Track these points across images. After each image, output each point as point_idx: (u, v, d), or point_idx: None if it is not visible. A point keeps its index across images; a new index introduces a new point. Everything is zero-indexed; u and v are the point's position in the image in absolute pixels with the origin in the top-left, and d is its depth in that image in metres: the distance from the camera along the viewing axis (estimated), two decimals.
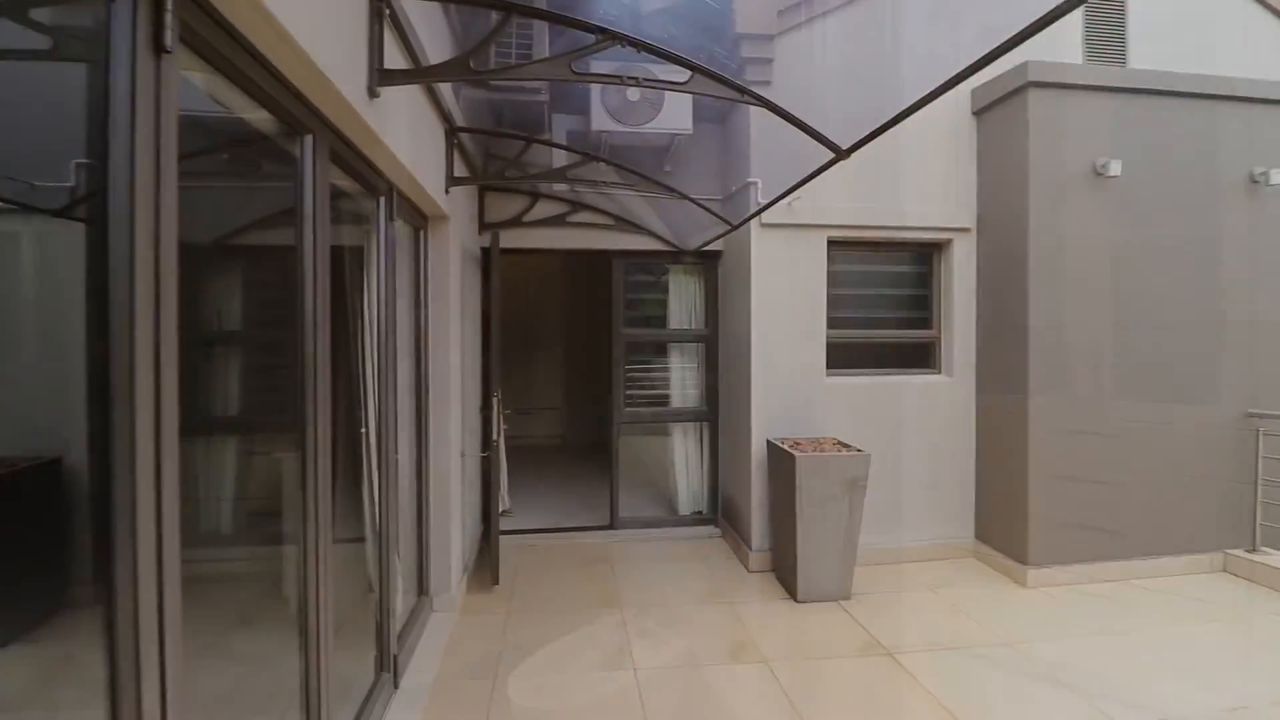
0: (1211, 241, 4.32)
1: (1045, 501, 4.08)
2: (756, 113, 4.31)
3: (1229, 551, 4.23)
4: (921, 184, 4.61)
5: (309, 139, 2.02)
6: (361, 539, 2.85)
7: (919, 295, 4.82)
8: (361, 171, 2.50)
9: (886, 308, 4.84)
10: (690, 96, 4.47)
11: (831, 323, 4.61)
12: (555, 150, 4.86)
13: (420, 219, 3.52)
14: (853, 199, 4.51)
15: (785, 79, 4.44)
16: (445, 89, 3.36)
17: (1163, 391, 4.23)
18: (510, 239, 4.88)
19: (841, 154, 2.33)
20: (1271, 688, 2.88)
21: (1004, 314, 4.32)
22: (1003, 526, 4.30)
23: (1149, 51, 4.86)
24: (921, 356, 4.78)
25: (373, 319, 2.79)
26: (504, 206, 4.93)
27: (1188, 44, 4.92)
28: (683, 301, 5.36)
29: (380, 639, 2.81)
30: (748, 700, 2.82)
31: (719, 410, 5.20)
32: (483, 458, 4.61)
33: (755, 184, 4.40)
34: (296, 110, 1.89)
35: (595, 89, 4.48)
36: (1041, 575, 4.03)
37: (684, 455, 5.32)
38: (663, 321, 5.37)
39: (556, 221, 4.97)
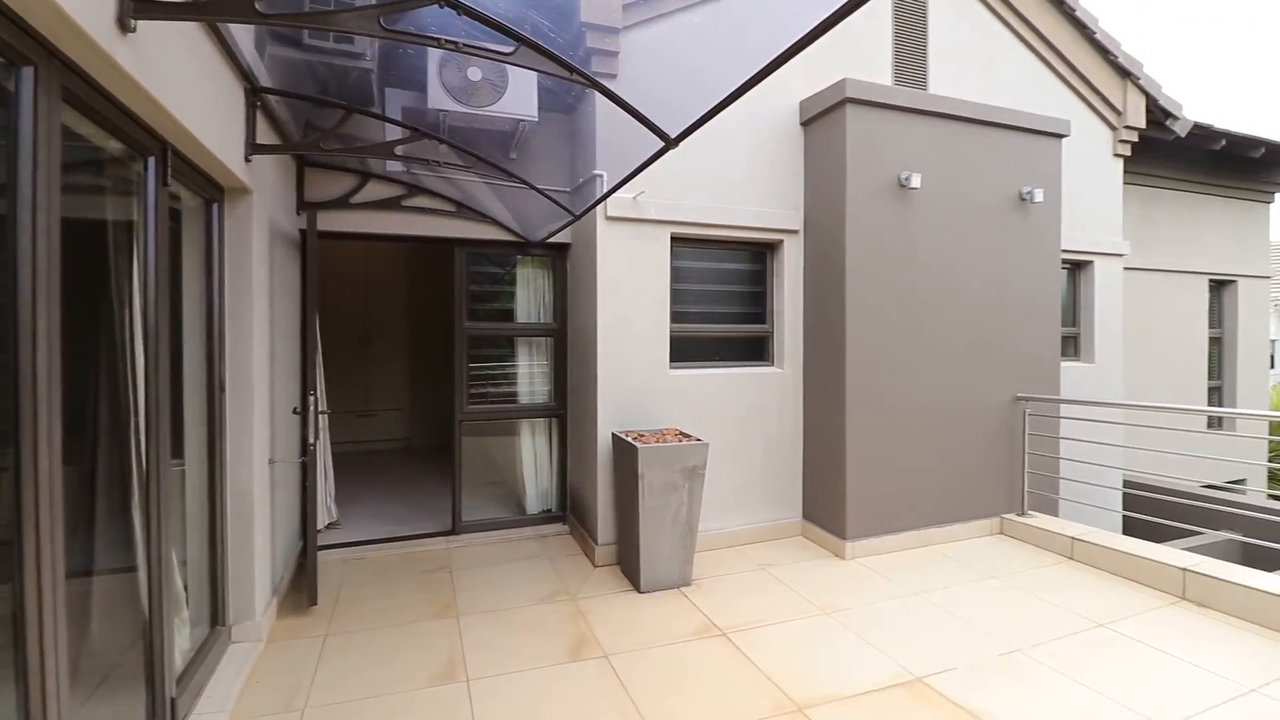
0: (993, 248, 5.01)
1: (860, 480, 4.48)
2: (603, 104, 4.27)
3: (1005, 516, 4.94)
4: (757, 188, 4.87)
5: (28, 73, 1.62)
6: (133, 567, 2.38)
7: (755, 292, 5.09)
8: (116, 122, 2.07)
9: (726, 303, 5.05)
10: (535, 82, 4.36)
11: (675, 317, 4.71)
12: (389, 128, 4.48)
13: (213, 190, 3.04)
14: (696, 198, 4.64)
15: (630, 73, 4.46)
16: (245, 44, 2.93)
17: (954, 378, 4.83)
18: (335, 221, 4.43)
19: (670, 142, 2.34)
20: (1033, 632, 3.37)
21: (825, 310, 4.69)
22: (825, 505, 4.67)
23: (946, 80, 5.54)
24: (757, 350, 5.05)
25: (141, 305, 2.34)
26: (328, 185, 4.45)
27: (975, 77, 5.68)
28: (531, 295, 5.21)
29: (151, 684, 2.37)
30: (584, 696, 2.76)
31: (568, 405, 5.12)
32: (300, 464, 4.12)
33: (601, 176, 4.36)
34: (11, 35, 1.51)
35: (433, 65, 4.18)
36: (858, 547, 4.43)
37: (532, 453, 5.17)
38: (510, 315, 5.18)
39: (390, 205, 4.59)
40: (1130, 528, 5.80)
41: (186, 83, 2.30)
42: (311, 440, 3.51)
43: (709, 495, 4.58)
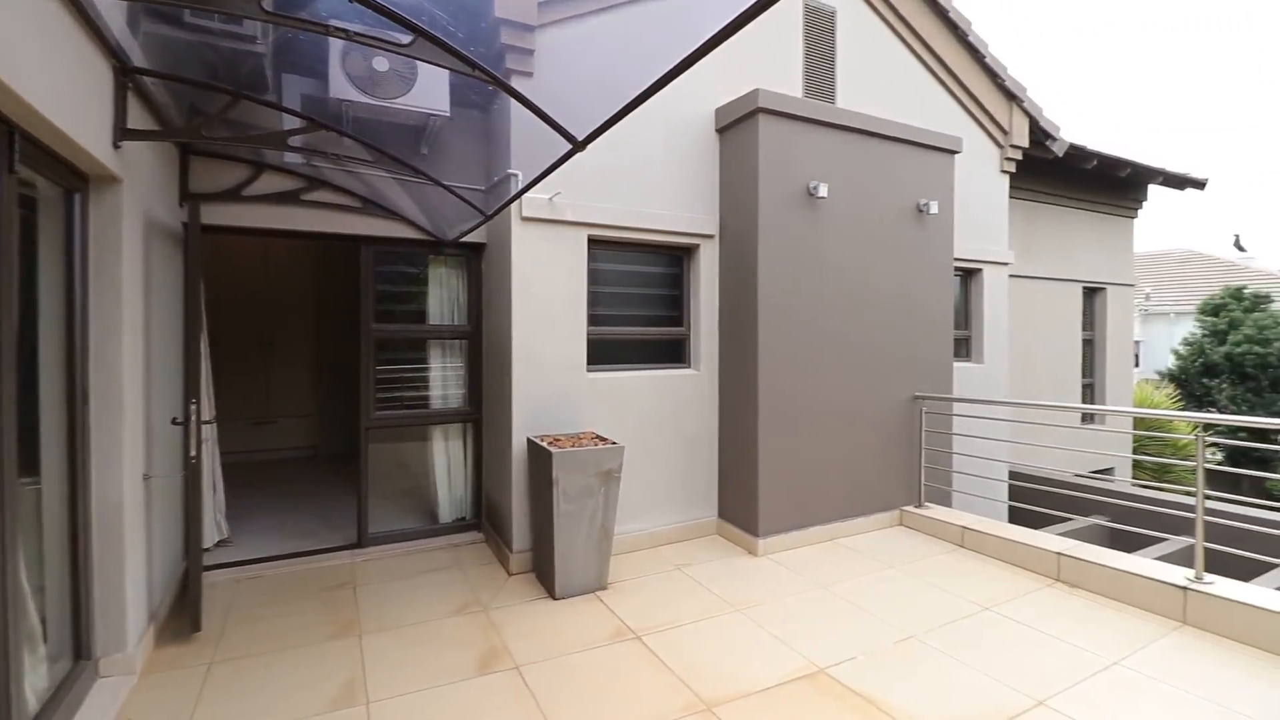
0: (893, 256, 5.29)
1: (771, 479, 4.63)
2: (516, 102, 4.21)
3: (904, 509, 5.24)
4: (675, 192, 4.93)
5: None
6: None
7: (673, 295, 5.15)
8: None
9: (645, 306, 5.08)
10: (446, 76, 4.22)
11: (593, 319, 4.70)
12: (286, 117, 4.21)
13: (74, 178, 2.75)
14: (614, 201, 4.64)
15: (547, 73, 4.40)
16: (114, 20, 2.67)
17: (859, 378, 5.07)
18: (226, 215, 4.12)
19: (577, 145, 2.32)
20: (927, 618, 3.58)
21: (739, 313, 4.81)
22: (739, 504, 4.79)
23: (853, 94, 5.81)
24: (675, 352, 5.12)
25: None
26: (217, 175, 4.14)
27: (879, 93, 5.99)
28: (444, 296, 5.04)
29: None
30: (493, 711, 2.69)
31: (483, 410, 4.99)
32: (181, 478, 3.80)
33: (515, 175, 4.28)
34: None
35: (334, 52, 3.96)
36: (769, 544, 4.57)
37: (446, 459, 5.01)
38: (422, 317, 4.99)
39: (288, 199, 4.32)
40: (1015, 515, 6.31)
41: (36, 59, 2.06)
42: (193, 453, 3.24)
43: (627, 497, 4.60)
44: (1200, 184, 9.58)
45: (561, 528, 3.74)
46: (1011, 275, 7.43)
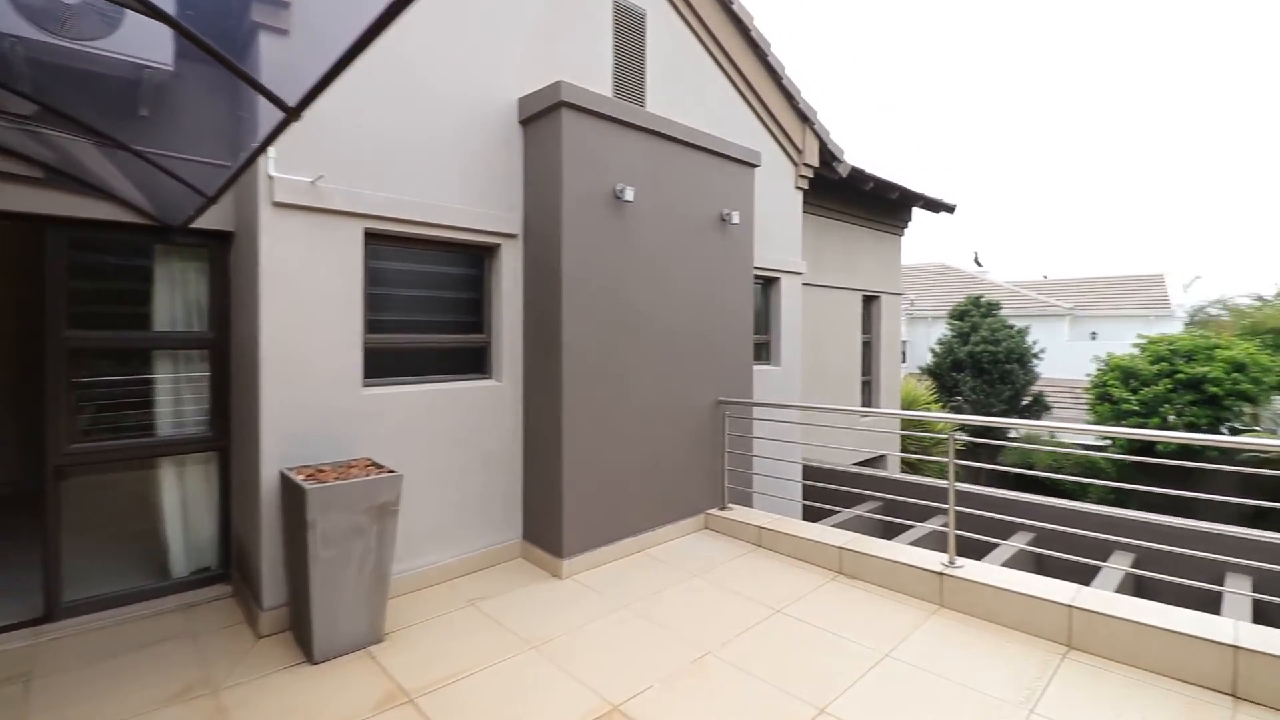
0: (698, 263, 5.34)
1: (577, 494, 4.39)
2: (269, 56, 3.47)
3: (709, 512, 5.33)
4: (474, 187, 4.47)
5: None
6: None
7: (473, 299, 4.69)
8: None
9: (440, 311, 4.56)
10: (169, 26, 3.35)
11: (373, 326, 4.09)
12: None
13: None
14: (400, 191, 4.07)
15: (307, 32, 3.70)
16: None
17: (666, 385, 5.04)
18: None
19: (289, 111, 1.82)
20: (723, 630, 3.57)
21: (543, 319, 4.50)
22: (544, 523, 4.50)
23: (664, 101, 5.79)
24: (476, 361, 4.67)
25: None
26: None
27: (687, 102, 6.04)
28: (178, 295, 4.07)
29: None
30: None
31: (232, 436, 4.12)
32: None
33: (266, 152, 3.54)
34: None
35: None
36: (575, 564, 4.33)
37: (180, 497, 4.06)
38: (145, 320, 3.98)
39: None
40: (810, 504, 6.81)
41: None
42: None
43: (415, 528, 4.07)
44: (951, 208, 11.26)
45: (320, 577, 3.13)
46: (805, 284, 8.04)
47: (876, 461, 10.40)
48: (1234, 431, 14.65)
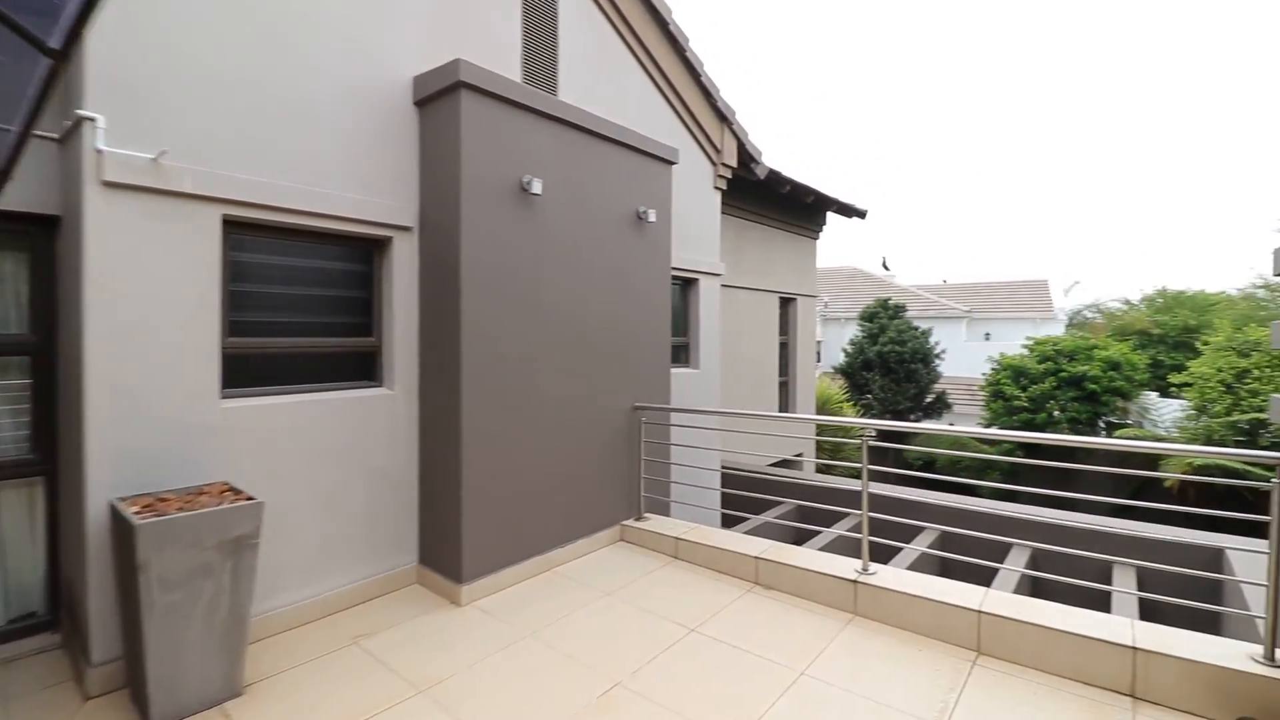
0: (613, 262, 5.09)
1: (478, 511, 4.04)
2: (116, 16, 2.91)
3: (624, 523, 5.10)
4: (361, 172, 4.01)
5: None
6: None
7: (361, 298, 4.22)
8: None
9: (320, 311, 4.06)
10: None
11: (235, 329, 3.57)
12: None
13: None
14: (268, 174, 3.56)
15: None
16: None
17: (578, 390, 4.76)
18: None
19: (55, 55, 1.41)
20: (635, 655, 3.34)
21: (441, 321, 4.11)
22: (441, 545, 4.11)
23: (579, 92, 5.49)
24: (363, 367, 4.20)
25: None
26: None
27: (603, 95, 5.77)
28: None
29: None
30: None
31: (59, 459, 3.47)
32: None
33: (93, 121, 2.97)
34: None
35: None
36: (476, 588, 3.97)
37: None
38: None
39: None
40: (728, 506, 6.74)
41: None
42: None
43: (290, 558, 3.60)
44: (862, 213, 11.60)
45: (158, 627, 2.64)
46: (724, 285, 7.98)
47: (794, 461, 10.56)
48: (1110, 425, 16.05)
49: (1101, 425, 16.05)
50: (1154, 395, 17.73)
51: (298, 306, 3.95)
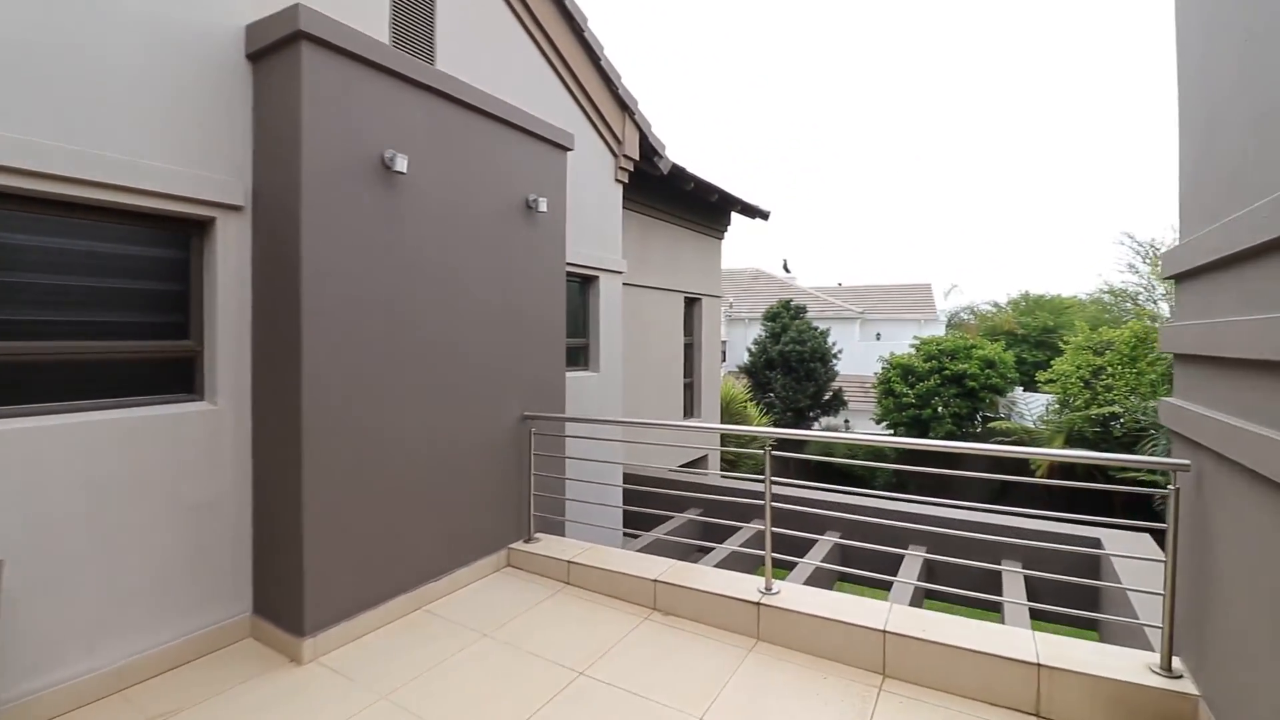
0: (498, 256, 4.55)
1: (325, 548, 3.38)
2: None
3: (512, 547, 4.57)
4: (173, 137, 3.24)
5: None
6: None
7: (174, 291, 3.43)
8: None
9: (119, 307, 3.24)
10: None
11: None
12: None
13: None
14: (39, 130, 2.75)
15: None
16: None
17: (456, 400, 4.18)
18: None
19: None
20: (514, 710, 2.85)
21: (279, 319, 3.41)
22: (280, 591, 3.42)
23: (461, 62, 4.89)
24: (179, 377, 3.42)
25: None
26: None
27: (488, 69, 5.20)
28: None
29: None
30: None
31: None
32: None
33: None
34: None
35: None
36: (322, 642, 3.31)
37: None
38: None
39: None
40: (630, 519, 6.37)
41: None
42: None
43: (69, 622, 2.83)
44: (765, 214, 11.65)
45: None
46: (626, 284, 7.61)
47: (700, 462, 10.40)
48: (985, 419, 17.27)
49: (978, 421, 17.26)
50: (1021, 390, 19.35)
51: (86, 301, 3.12)
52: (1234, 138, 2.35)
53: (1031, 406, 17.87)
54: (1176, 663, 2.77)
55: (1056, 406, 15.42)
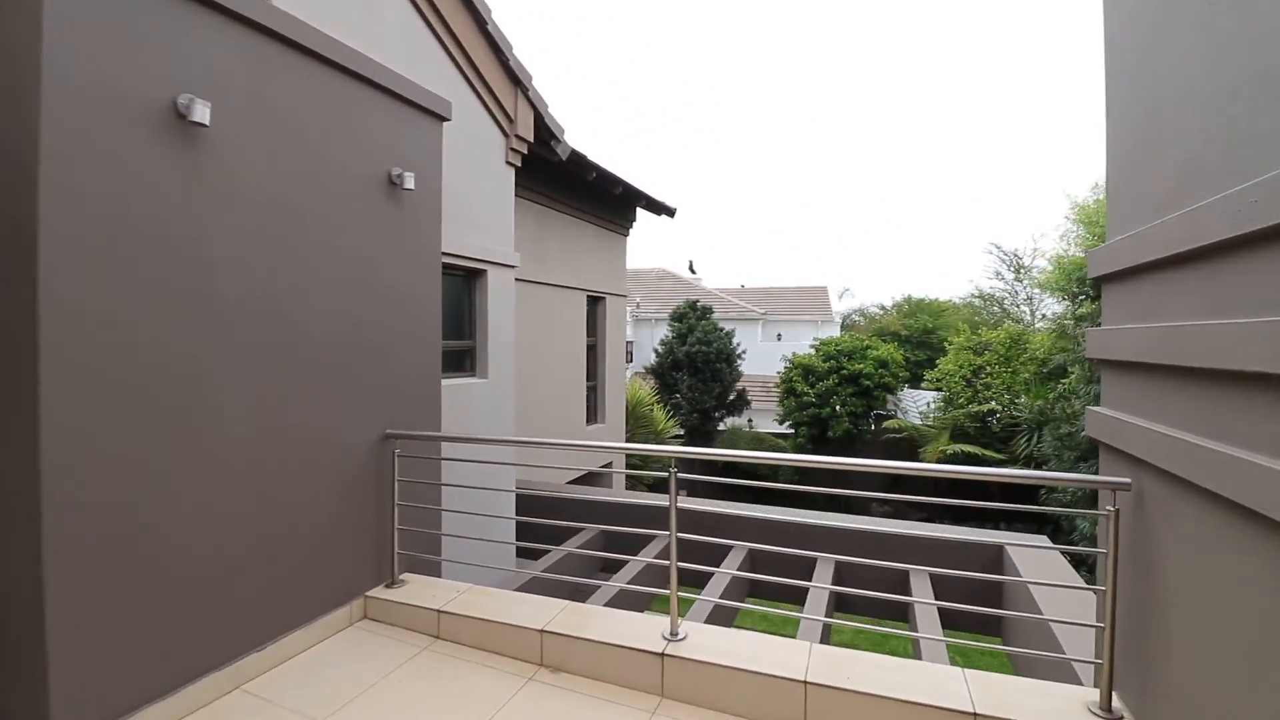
0: (352, 240, 3.73)
1: (85, 621, 2.47)
2: None
3: (370, 594, 3.77)
4: None
5: None
6: None
7: None
8: None
9: None
10: None
11: None
12: None
13: None
14: None
15: None
16: None
17: (290, 417, 3.33)
18: None
19: None
20: None
21: (5, 310, 2.46)
22: (12, 687, 2.47)
23: (312, 6, 3.99)
24: None
25: None
26: None
27: (352, 19, 4.35)
28: None
29: None
30: None
31: None
32: None
33: None
34: None
35: None
36: None
37: None
38: None
39: None
40: (523, 534, 5.66)
41: None
42: None
43: None
44: (671, 211, 11.27)
45: None
46: (520, 280, 6.89)
47: (602, 473, 9.82)
48: (878, 417, 17.96)
49: (871, 419, 17.92)
50: (907, 389, 20.37)
51: None
52: (1192, 121, 2.07)
53: (917, 403, 18.82)
54: (1115, 701, 2.51)
55: (940, 404, 16.26)
